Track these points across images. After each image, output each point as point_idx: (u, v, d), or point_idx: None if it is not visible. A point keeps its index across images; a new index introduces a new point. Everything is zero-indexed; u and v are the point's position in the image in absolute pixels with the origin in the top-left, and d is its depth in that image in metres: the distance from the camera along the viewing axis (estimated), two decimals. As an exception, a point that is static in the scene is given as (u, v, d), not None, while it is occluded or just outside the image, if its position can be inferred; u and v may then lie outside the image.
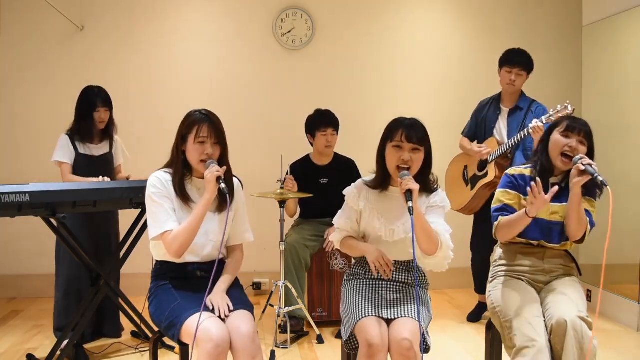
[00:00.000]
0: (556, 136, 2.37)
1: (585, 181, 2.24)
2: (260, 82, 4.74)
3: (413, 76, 4.86)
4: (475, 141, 3.87)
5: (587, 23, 4.32)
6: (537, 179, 2.24)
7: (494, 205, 2.42)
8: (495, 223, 2.37)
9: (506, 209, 2.37)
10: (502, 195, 2.41)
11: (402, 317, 2.16)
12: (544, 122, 3.24)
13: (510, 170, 2.46)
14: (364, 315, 2.14)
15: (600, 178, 2.18)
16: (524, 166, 2.48)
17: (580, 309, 2.16)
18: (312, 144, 3.88)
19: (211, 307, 2.15)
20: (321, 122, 3.77)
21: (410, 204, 2.06)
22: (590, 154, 2.34)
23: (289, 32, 4.73)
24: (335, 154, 3.94)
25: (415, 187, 2.10)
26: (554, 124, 2.44)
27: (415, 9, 4.86)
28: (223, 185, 2.17)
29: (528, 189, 2.20)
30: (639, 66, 3.82)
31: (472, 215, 3.96)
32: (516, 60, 3.70)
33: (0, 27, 4.51)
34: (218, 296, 2.20)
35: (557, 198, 2.29)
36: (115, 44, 4.60)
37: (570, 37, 4.89)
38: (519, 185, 2.39)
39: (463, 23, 4.90)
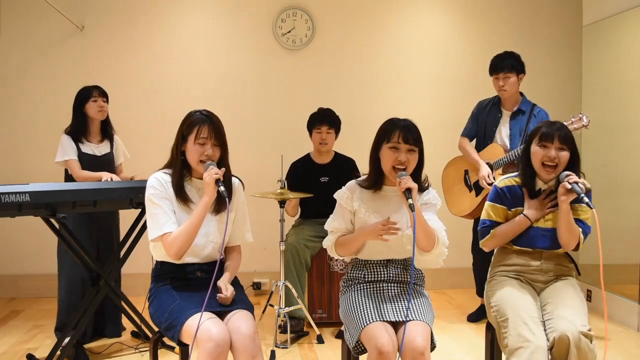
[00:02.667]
0: (534, 148, 2.34)
1: (571, 199, 2.23)
2: (260, 82, 4.74)
3: (413, 76, 4.86)
4: (475, 141, 3.86)
5: (587, 23, 4.32)
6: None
7: (483, 217, 2.44)
8: (487, 237, 2.40)
9: (493, 226, 2.39)
10: (490, 209, 2.42)
11: (410, 320, 2.13)
12: None
13: (500, 182, 2.44)
14: (370, 321, 2.11)
15: (586, 199, 2.16)
16: (514, 174, 2.47)
17: (582, 322, 2.12)
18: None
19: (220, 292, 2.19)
20: (317, 119, 3.81)
21: (410, 201, 2.09)
22: (574, 157, 2.30)
23: (289, 32, 4.73)
24: (336, 153, 3.94)
25: (414, 185, 2.13)
26: (533, 133, 2.38)
27: (416, 9, 4.86)
28: (222, 189, 2.15)
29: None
30: (639, 66, 3.83)
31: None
32: (500, 65, 3.70)
33: (0, 27, 4.51)
34: (224, 282, 2.23)
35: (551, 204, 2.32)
36: (115, 44, 4.60)
37: (570, 37, 4.89)
38: (505, 198, 2.39)
39: (463, 23, 4.90)
